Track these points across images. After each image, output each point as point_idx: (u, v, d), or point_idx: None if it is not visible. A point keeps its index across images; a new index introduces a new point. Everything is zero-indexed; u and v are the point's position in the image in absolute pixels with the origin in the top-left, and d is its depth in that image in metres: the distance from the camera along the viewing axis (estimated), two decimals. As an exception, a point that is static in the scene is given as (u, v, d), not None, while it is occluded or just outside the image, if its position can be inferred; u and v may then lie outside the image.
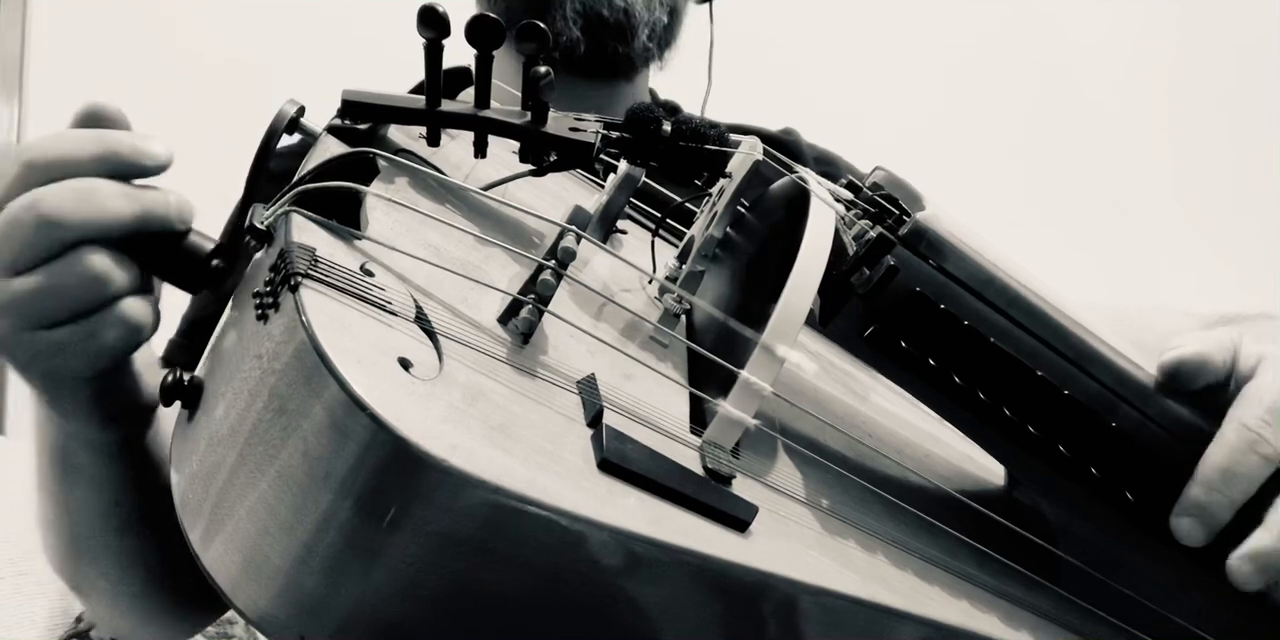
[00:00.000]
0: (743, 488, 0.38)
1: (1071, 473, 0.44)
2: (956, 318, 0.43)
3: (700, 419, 0.42)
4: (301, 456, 0.32)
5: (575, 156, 0.45)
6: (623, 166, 0.48)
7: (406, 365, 0.34)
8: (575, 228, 0.43)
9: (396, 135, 0.50)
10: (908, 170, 0.47)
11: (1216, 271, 1.78)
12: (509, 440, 0.33)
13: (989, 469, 0.54)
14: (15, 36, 1.71)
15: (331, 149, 0.45)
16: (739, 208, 0.50)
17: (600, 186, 0.55)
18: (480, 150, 0.46)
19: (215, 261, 0.39)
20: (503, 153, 0.49)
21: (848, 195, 0.47)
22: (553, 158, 0.46)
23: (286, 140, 0.47)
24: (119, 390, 0.49)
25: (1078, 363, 0.43)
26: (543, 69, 0.43)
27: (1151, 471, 0.43)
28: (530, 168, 0.47)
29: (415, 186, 0.46)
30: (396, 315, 0.36)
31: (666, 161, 0.46)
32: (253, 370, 0.35)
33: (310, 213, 0.39)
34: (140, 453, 0.54)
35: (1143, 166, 1.86)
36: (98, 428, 0.50)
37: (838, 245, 0.42)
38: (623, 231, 0.55)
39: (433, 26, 0.41)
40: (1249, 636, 0.46)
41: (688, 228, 0.53)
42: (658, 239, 0.54)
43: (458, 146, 0.51)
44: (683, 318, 0.50)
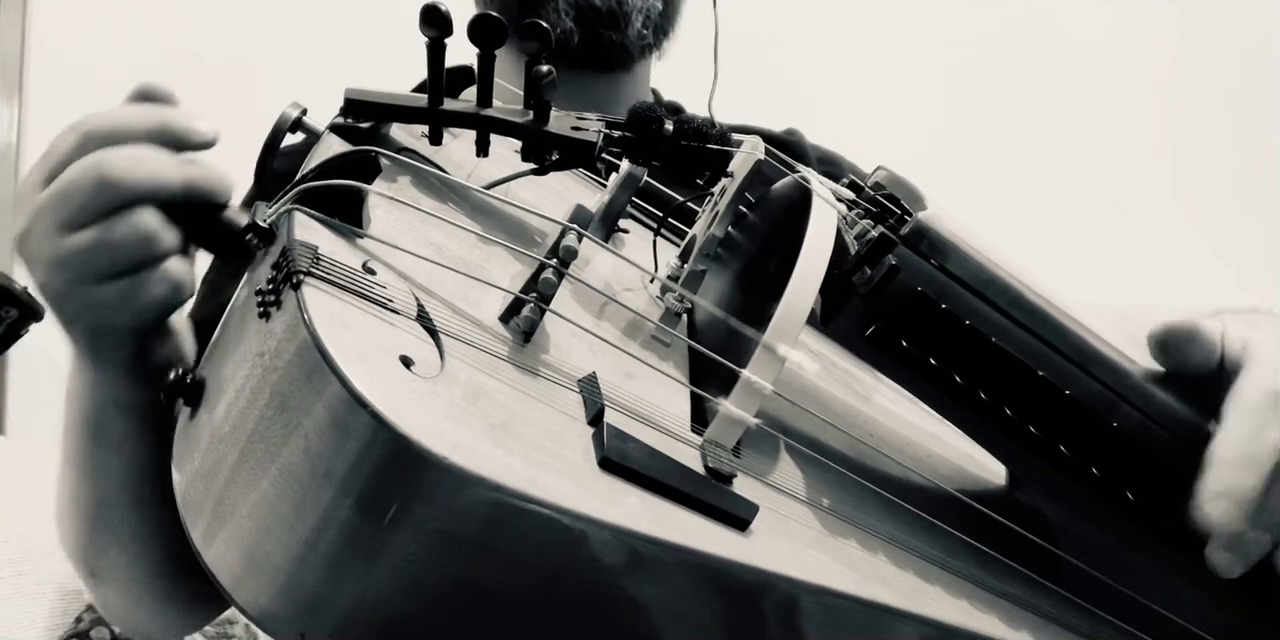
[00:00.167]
0: (744, 487, 0.38)
1: (1072, 472, 0.44)
2: (958, 317, 0.43)
3: (701, 418, 0.42)
4: (303, 454, 0.33)
5: (577, 155, 0.45)
6: (625, 165, 0.48)
7: (408, 363, 0.34)
8: (577, 226, 0.43)
9: (399, 134, 0.50)
10: (908, 170, 0.47)
11: (1216, 271, 1.78)
12: (510, 438, 0.33)
13: (990, 469, 0.55)
14: (15, 36, 1.71)
15: (334, 147, 0.45)
16: (741, 207, 0.50)
17: (602, 185, 0.55)
18: (482, 149, 0.46)
19: (249, 236, 0.40)
20: (505, 151, 0.49)
21: (849, 195, 0.47)
22: (555, 157, 0.46)
23: (290, 139, 0.48)
24: (158, 348, 0.51)
25: (1079, 363, 0.43)
26: (545, 68, 0.43)
27: (1153, 471, 0.43)
28: (532, 166, 0.47)
29: (417, 185, 0.46)
30: (398, 313, 0.36)
31: (669, 161, 0.46)
32: (254, 368, 0.35)
33: (312, 211, 0.39)
34: (171, 418, 0.55)
35: (1143, 166, 1.86)
36: (135, 386, 0.52)
37: (839, 245, 0.42)
38: (624, 231, 0.55)
39: (435, 25, 0.41)
40: (1250, 637, 0.46)
41: (689, 227, 0.53)
42: (659, 238, 0.54)
43: (460, 145, 0.51)
44: (684, 317, 0.50)
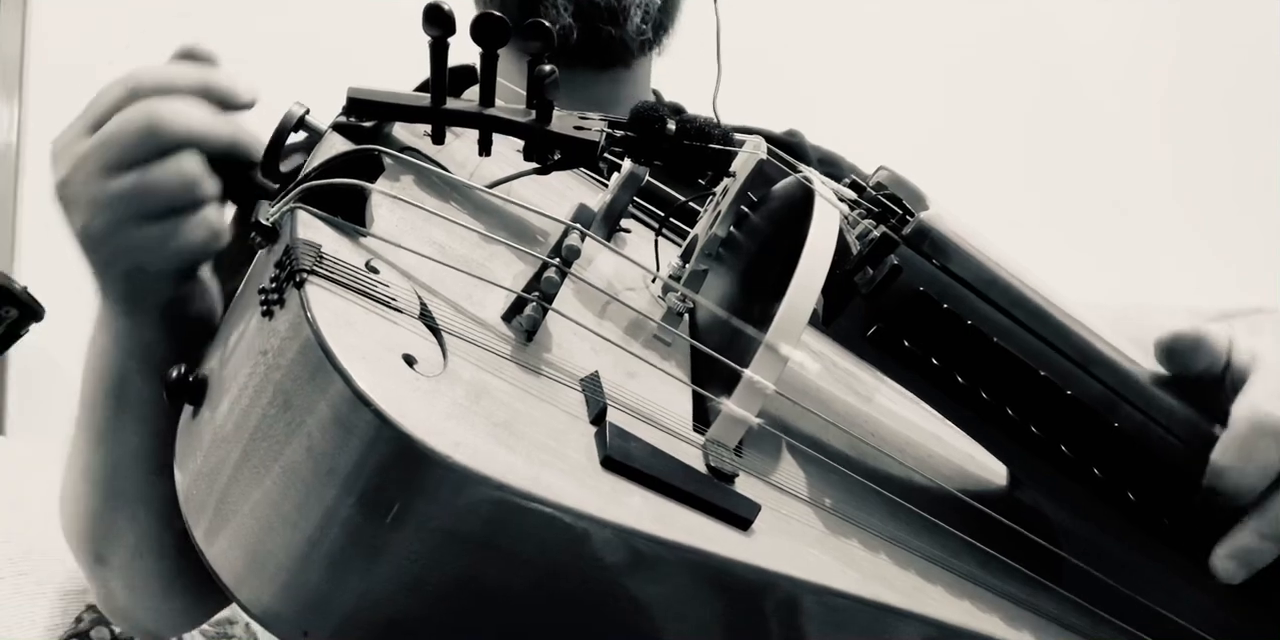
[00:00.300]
0: (745, 486, 0.38)
1: (1073, 473, 0.44)
2: (960, 317, 0.43)
3: (703, 417, 0.42)
4: (306, 452, 0.33)
5: (579, 155, 0.45)
6: (627, 165, 0.48)
7: (411, 362, 0.34)
8: (580, 226, 0.43)
9: (401, 133, 0.50)
10: (909, 170, 0.47)
11: (1216, 271, 1.78)
12: (513, 437, 0.34)
13: (990, 469, 0.55)
14: (15, 36, 1.71)
15: (337, 146, 0.45)
16: (743, 207, 0.50)
17: (603, 185, 0.55)
18: (485, 148, 0.46)
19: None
20: (507, 151, 0.49)
21: (851, 195, 0.47)
22: (557, 156, 0.46)
23: (292, 138, 0.48)
24: (192, 298, 0.52)
25: (1080, 363, 0.43)
26: (547, 67, 0.43)
27: (1153, 472, 0.43)
28: (534, 166, 0.47)
29: (420, 184, 0.46)
30: (401, 312, 0.36)
31: (671, 160, 0.46)
32: (257, 366, 0.35)
33: (316, 210, 0.39)
34: None
35: (1143, 166, 1.86)
36: (164, 338, 0.52)
37: (841, 245, 0.42)
38: (626, 230, 0.55)
39: (438, 24, 0.41)
40: (1250, 637, 0.46)
41: (691, 227, 0.53)
42: (660, 238, 0.54)
43: (462, 145, 0.51)
44: (686, 317, 0.50)
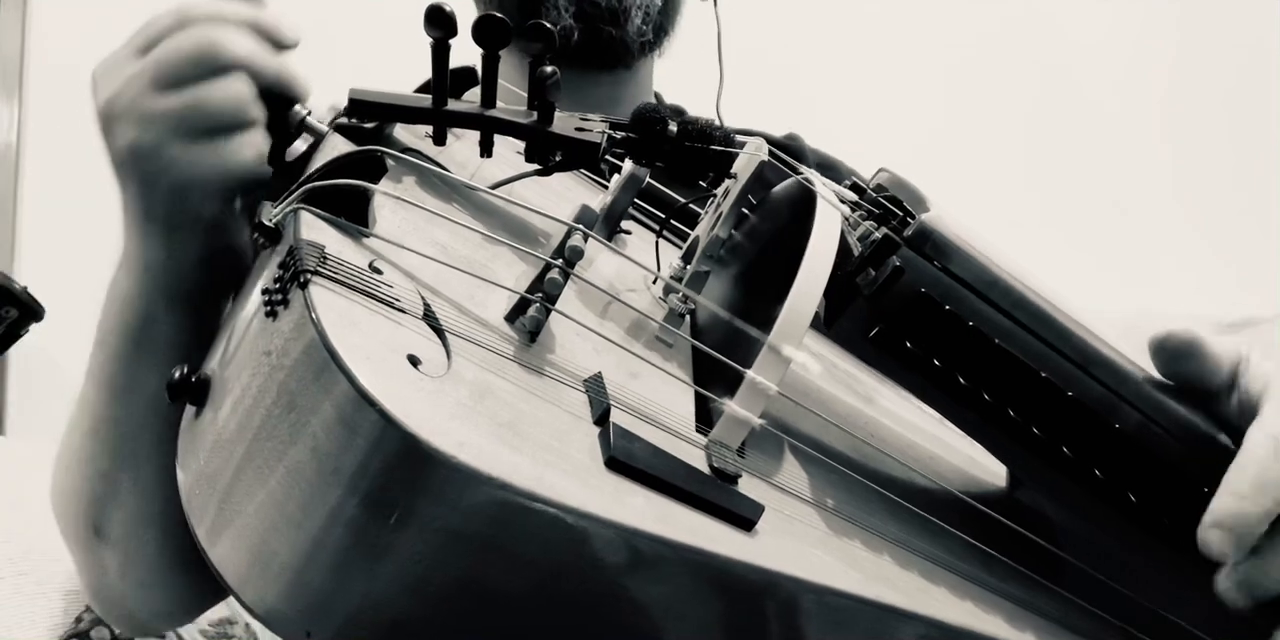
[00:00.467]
0: (748, 487, 0.39)
1: (1074, 474, 0.44)
2: (961, 319, 0.43)
3: (705, 418, 0.42)
4: (310, 453, 0.33)
5: (581, 156, 0.45)
6: (627, 166, 0.48)
7: (415, 362, 0.34)
8: (583, 227, 0.43)
9: (402, 134, 0.50)
10: (909, 170, 0.47)
11: (1216, 271, 1.78)
12: (517, 437, 0.34)
13: (991, 470, 0.55)
14: (15, 36, 1.70)
15: (339, 147, 0.45)
16: (744, 209, 0.50)
17: (604, 187, 0.55)
18: (486, 150, 0.46)
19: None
20: (508, 152, 0.49)
21: (852, 196, 0.47)
22: (558, 157, 0.46)
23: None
24: (229, 227, 0.51)
25: (1081, 364, 0.43)
26: (549, 69, 0.43)
27: (1154, 473, 0.43)
28: (536, 167, 0.47)
29: (422, 185, 0.46)
30: (405, 312, 0.36)
31: (672, 162, 0.46)
32: (261, 367, 0.35)
33: (319, 210, 0.40)
34: (216, 324, 0.53)
35: (1143, 166, 1.86)
36: (199, 268, 0.51)
37: (842, 246, 0.42)
38: (626, 232, 0.55)
39: (440, 26, 0.41)
40: (1250, 638, 0.46)
41: (691, 229, 0.54)
42: (660, 240, 0.54)
43: (463, 146, 0.51)
44: (687, 318, 0.50)
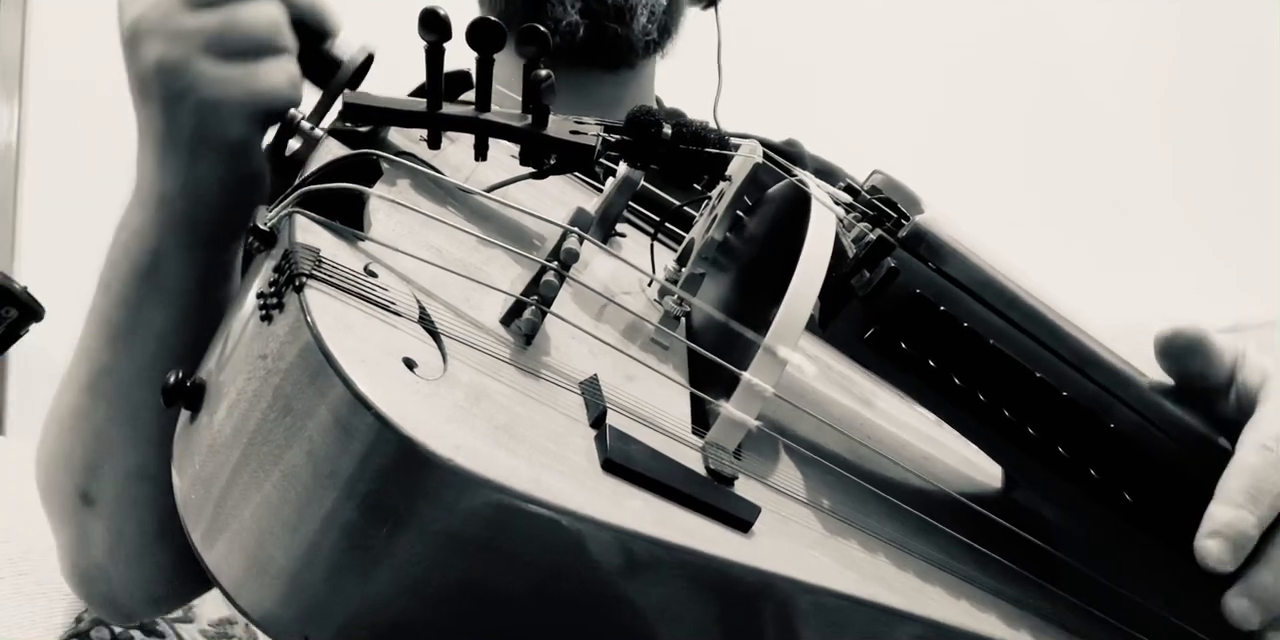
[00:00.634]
0: (745, 489, 0.39)
1: (1070, 474, 0.44)
2: (956, 320, 0.43)
3: (701, 420, 0.42)
4: (306, 456, 0.33)
5: (576, 159, 0.45)
6: (622, 169, 0.48)
7: (411, 365, 0.34)
8: (578, 229, 0.43)
9: (397, 138, 0.50)
10: (908, 171, 0.48)
11: (1216, 271, 1.78)
12: (513, 440, 0.34)
13: (986, 471, 0.55)
14: (15, 36, 1.71)
15: (333, 151, 0.45)
16: (738, 211, 0.50)
17: (598, 189, 0.55)
18: (481, 153, 0.46)
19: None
20: (502, 156, 0.49)
21: (846, 198, 0.47)
22: (553, 160, 0.46)
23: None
24: (252, 156, 0.50)
25: (1076, 364, 0.43)
26: (543, 72, 0.43)
27: (1150, 473, 0.44)
28: (531, 170, 0.47)
29: (417, 188, 0.46)
30: (400, 316, 0.36)
31: (667, 164, 0.46)
32: (256, 371, 0.35)
33: (314, 214, 0.40)
34: (233, 276, 0.54)
35: (1143, 166, 1.86)
36: (217, 198, 0.50)
37: (837, 248, 0.42)
38: (621, 235, 0.55)
39: (434, 29, 0.41)
40: (1246, 637, 0.46)
41: (686, 231, 0.54)
42: (655, 243, 0.54)
43: (458, 149, 0.51)
44: (682, 320, 0.50)
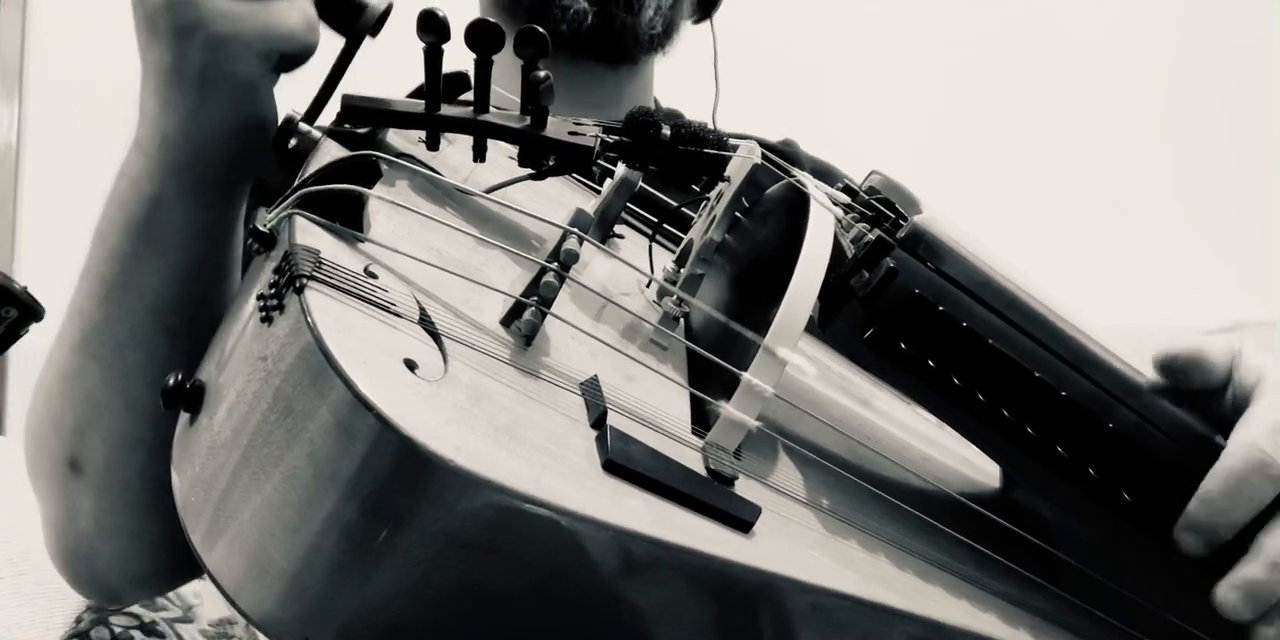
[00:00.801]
0: (745, 489, 0.39)
1: (1069, 474, 0.44)
2: (955, 320, 0.43)
3: (701, 421, 0.42)
4: (307, 458, 0.33)
5: (574, 160, 0.45)
6: (620, 170, 0.48)
7: (412, 366, 0.34)
8: (577, 230, 0.43)
9: (395, 139, 0.50)
10: (908, 171, 0.48)
11: (1216, 271, 1.78)
12: (514, 441, 0.34)
13: (985, 471, 0.55)
14: (15, 36, 1.71)
15: (332, 152, 0.45)
16: (737, 212, 0.51)
17: (596, 191, 0.55)
18: (479, 154, 0.46)
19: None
20: (500, 157, 0.49)
21: (844, 199, 0.47)
22: (551, 161, 0.46)
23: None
24: (260, 100, 0.49)
25: (1075, 364, 0.43)
26: (542, 73, 0.43)
27: (1149, 472, 0.44)
28: (529, 171, 0.47)
29: (416, 190, 0.46)
30: (401, 317, 0.36)
31: (665, 165, 0.46)
32: (256, 372, 0.35)
33: (314, 215, 0.40)
34: (231, 233, 0.53)
35: (1143, 166, 1.86)
36: (225, 139, 0.49)
37: (836, 248, 0.42)
38: (620, 236, 0.55)
39: (432, 31, 0.41)
40: (1245, 636, 0.46)
41: (684, 232, 0.54)
42: (654, 244, 0.54)
43: (456, 151, 0.51)
44: (682, 321, 0.50)
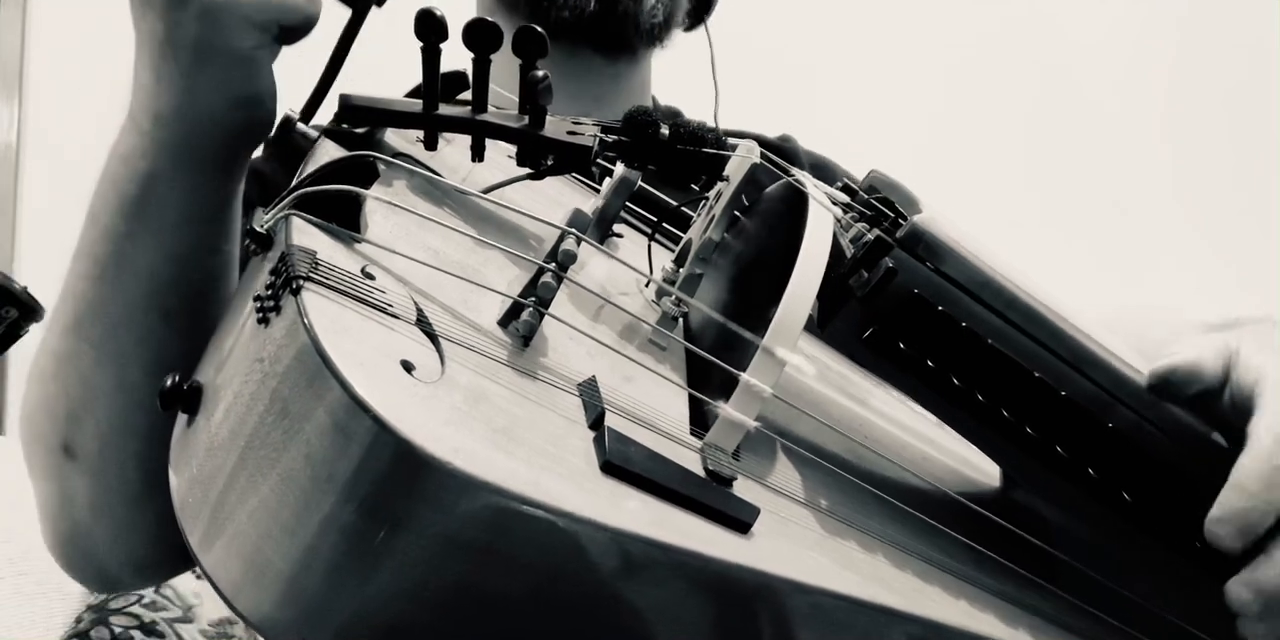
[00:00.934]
0: (743, 489, 0.39)
1: (1069, 473, 0.44)
2: (954, 319, 0.43)
3: (700, 421, 0.42)
4: (304, 459, 0.33)
5: (573, 160, 0.45)
6: (619, 169, 0.48)
7: (409, 368, 0.34)
8: (576, 230, 0.43)
9: (393, 139, 0.50)
10: (908, 170, 0.47)
11: (1216, 271, 1.78)
12: (512, 443, 0.34)
13: (985, 471, 0.55)
14: (15, 36, 1.70)
15: (329, 152, 0.45)
16: (736, 211, 0.50)
17: (594, 190, 0.55)
18: (478, 154, 0.46)
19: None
20: (499, 156, 0.49)
21: (844, 198, 0.47)
22: (550, 161, 0.46)
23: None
24: (259, 76, 0.49)
25: (1074, 364, 0.43)
26: (540, 73, 0.43)
27: (1148, 472, 0.44)
28: (528, 171, 0.47)
29: (414, 190, 0.46)
30: (398, 318, 0.36)
31: (664, 164, 0.46)
32: (253, 374, 0.35)
33: (310, 216, 0.40)
34: (228, 213, 0.53)
35: (1143, 166, 1.86)
36: (222, 114, 0.49)
37: (835, 248, 0.42)
38: (618, 235, 0.55)
39: (430, 30, 0.41)
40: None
41: (683, 232, 0.54)
42: (653, 243, 0.54)
43: (454, 150, 0.51)
44: (680, 321, 0.50)
